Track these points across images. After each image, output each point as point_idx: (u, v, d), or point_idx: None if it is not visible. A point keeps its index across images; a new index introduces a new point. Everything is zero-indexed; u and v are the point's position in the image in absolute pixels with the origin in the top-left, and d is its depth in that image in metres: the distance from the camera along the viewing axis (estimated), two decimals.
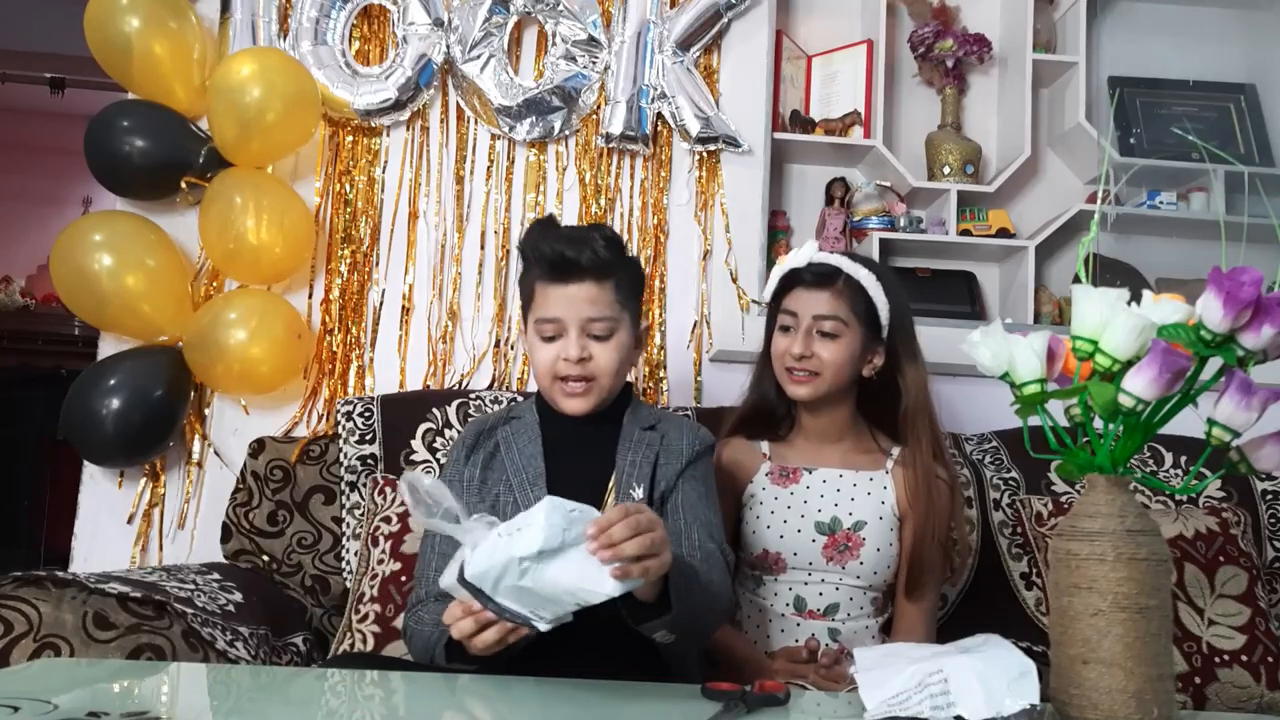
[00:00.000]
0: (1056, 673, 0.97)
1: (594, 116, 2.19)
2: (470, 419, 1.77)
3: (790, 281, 1.58)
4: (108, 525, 2.02)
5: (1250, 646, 1.66)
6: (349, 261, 2.12)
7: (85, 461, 2.02)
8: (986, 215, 2.27)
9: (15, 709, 0.82)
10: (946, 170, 2.27)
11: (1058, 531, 1.00)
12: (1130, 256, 2.34)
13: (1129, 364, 0.94)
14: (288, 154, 2.08)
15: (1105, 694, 0.92)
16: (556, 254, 1.33)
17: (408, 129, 2.16)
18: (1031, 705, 0.88)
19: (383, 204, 2.15)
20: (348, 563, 1.76)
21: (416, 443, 1.82)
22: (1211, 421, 0.95)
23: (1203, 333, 0.93)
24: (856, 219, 2.27)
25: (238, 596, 1.53)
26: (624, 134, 2.14)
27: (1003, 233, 2.25)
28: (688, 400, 2.13)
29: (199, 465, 2.05)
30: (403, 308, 2.13)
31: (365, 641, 1.57)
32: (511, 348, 2.13)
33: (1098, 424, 0.99)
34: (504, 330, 2.13)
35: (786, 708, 0.98)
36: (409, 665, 1.26)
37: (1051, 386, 1.01)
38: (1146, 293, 1.00)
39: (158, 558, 2.02)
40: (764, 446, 1.63)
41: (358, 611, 1.61)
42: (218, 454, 2.05)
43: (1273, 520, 1.90)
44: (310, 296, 2.12)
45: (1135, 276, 2.30)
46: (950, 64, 2.30)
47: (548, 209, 2.17)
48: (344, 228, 2.13)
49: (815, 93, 2.35)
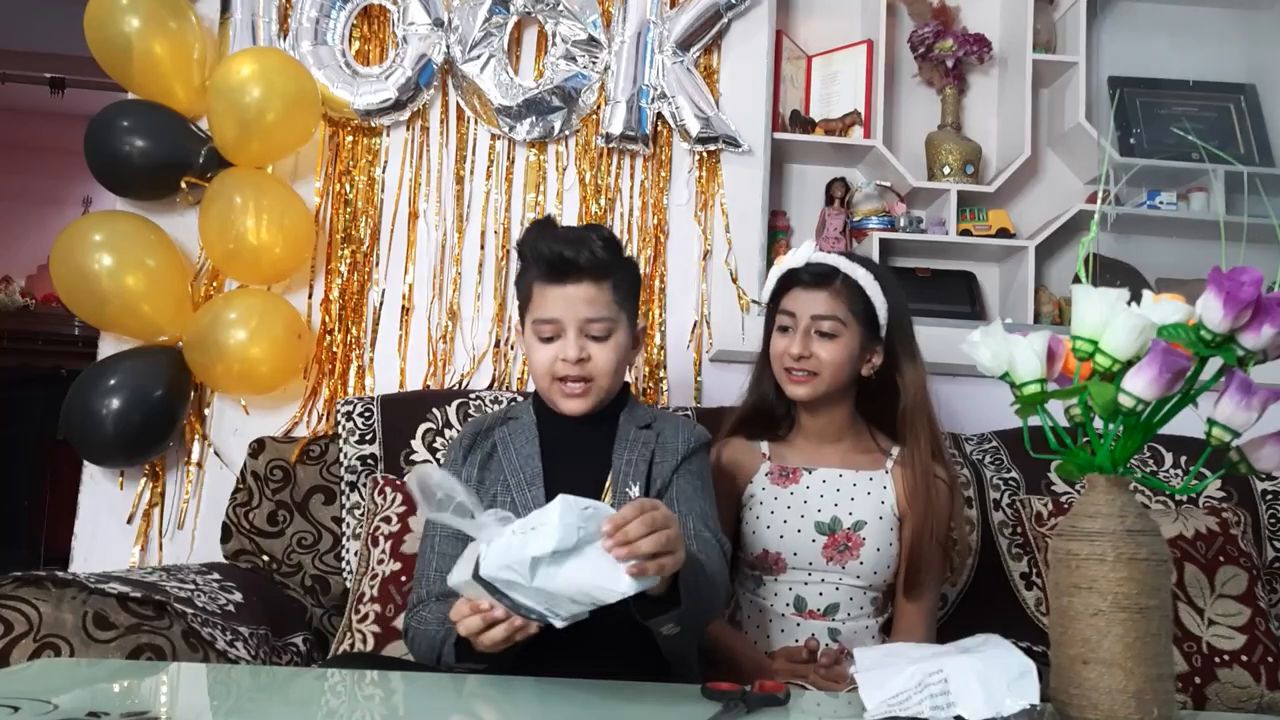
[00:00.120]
0: (1056, 673, 0.97)
1: (594, 116, 2.19)
2: (469, 419, 1.77)
3: (788, 282, 1.59)
4: (108, 525, 2.02)
5: (1250, 646, 1.66)
6: (349, 261, 2.12)
7: (85, 461, 2.02)
8: (986, 215, 2.27)
9: (15, 709, 0.82)
10: (946, 170, 2.27)
11: (1058, 531, 1.00)
12: (1130, 256, 2.34)
13: (1129, 364, 0.94)
14: (288, 154, 2.08)
15: (1105, 694, 0.92)
16: (555, 254, 1.33)
17: (408, 129, 2.16)
18: (1031, 705, 0.88)
19: (383, 204, 2.15)
20: (348, 563, 1.76)
21: (416, 443, 1.82)
22: (1211, 421, 0.95)
23: (1203, 333, 0.93)
24: (856, 219, 2.27)
25: (238, 596, 1.53)
26: (624, 134, 2.14)
27: (1003, 233, 2.25)
28: (688, 400, 2.13)
29: (199, 465, 2.05)
30: (403, 308, 2.13)
31: (365, 641, 1.57)
32: (511, 348, 2.12)
33: (1098, 424, 0.99)
34: (504, 330, 2.13)
35: (786, 708, 0.98)
36: (409, 665, 1.26)
37: (1051, 386, 1.01)
38: (1146, 293, 1.00)
39: (158, 558, 2.02)
40: (764, 447, 1.63)
41: (358, 611, 1.61)
42: (218, 454, 2.05)
43: (1273, 520, 1.90)
44: (310, 296, 2.12)
45: (1135, 276, 2.30)
46: (950, 64, 2.30)
47: (548, 209, 2.17)
48: (344, 228, 2.13)
49: (815, 93, 2.35)
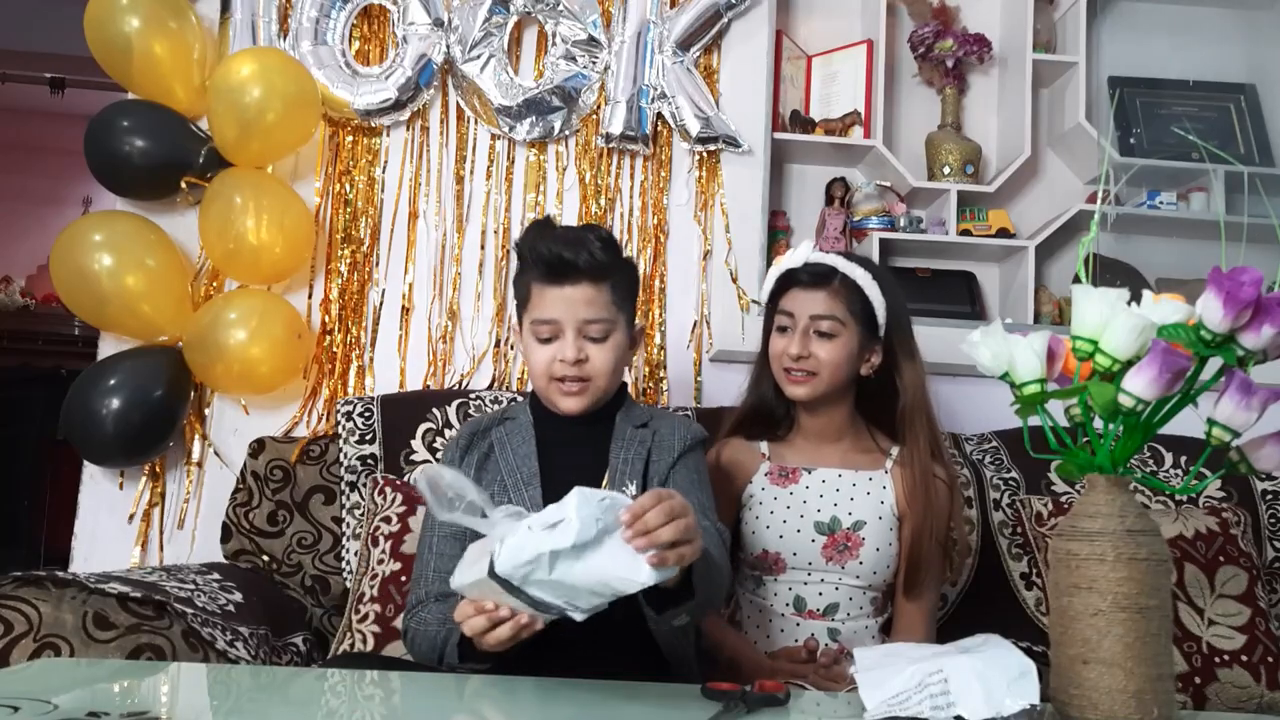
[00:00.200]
0: (1056, 673, 0.97)
1: (594, 116, 2.19)
2: (467, 419, 1.77)
3: (787, 282, 1.59)
4: (108, 525, 2.02)
5: (1250, 646, 1.66)
6: (349, 261, 2.12)
7: (85, 461, 2.02)
8: (986, 215, 2.27)
9: (15, 709, 0.82)
10: (946, 170, 2.27)
11: (1058, 531, 1.00)
12: (1130, 256, 2.34)
13: (1129, 364, 0.94)
14: (288, 154, 2.08)
15: (1105, 694, 0.92)
16: (554, 255, 1.33)
17: (408, 129, 2.16)
18: (1031, 705, 0.88)
19: (383, 204, 2.15)
20: (348, 563, 1.76)
21: (416, 443, 1.82)
22: (1211, 421, 0.95)
23: (1203, 333, 0.93)
24: (856, 219, 2.27)
25: (238, 596, 1.53)
26: (624, 134, 2.14)
27: (1003, 233, 2.25)
28: (688, 400, 2.13)
29: (199, 465, 2.05)
30: (403, 308, 2.13)
31: (365, 641, 1.57)
32: (511, 348, 2.12)
33: (1098, 424, 0.99)
34: (504, 330, 2.13)
35: (786, 708, 0.98)
36: (409, 665, 1.26)
37: (1051, 386, 1.01)
38: (1146, 293, 1.00)
39: (158, 558, 2.02)
40: (763, 447, 1.63)
41: (358, 611, 1.61)
42: (218, 454, 2.05)
43: (1273, 520, 1.90)
44: (310, 296, 2.12)
45: (1135, 276, 2.30)
46: (950, 64, 2.30)
47: (548, 209, 2.17)
48: (344, 228, 2.13)
49: (815, 93, 2.35)
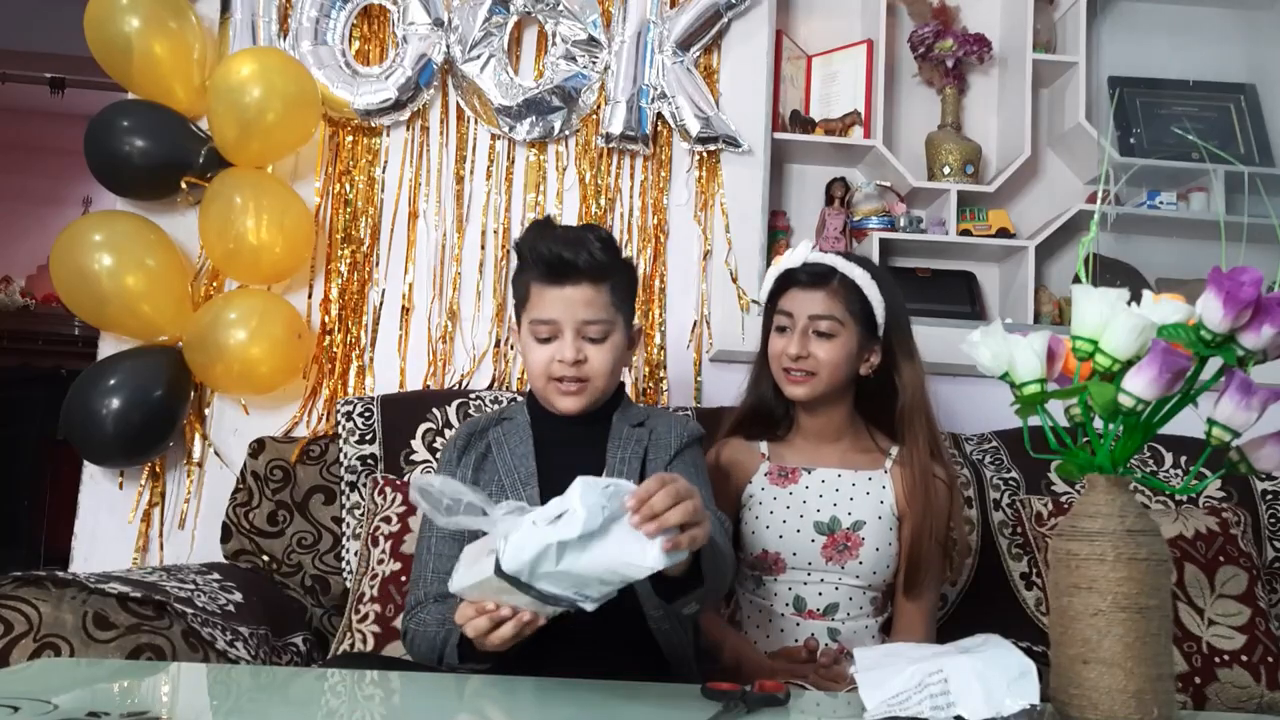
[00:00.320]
0: (1056, 673, 0.97)
1: (594, 116, 2.19)
2: (466, 420, 1.77)
3: (786, 282, 1.59)
4: (108, 525, 2.02)
5: (1250, 646, 1.66)
6: (349, 261, 2.12)
7: (85, 461, 2.02)
8: (986, 215, 2.27)
9: (15, 709, 0.82)
10: (946, 170, 2.27)
11: (1058, 531, 1.00)
12: (1130, 256, 2.34)
13: (1129, 364, 0.94)
14: (288, 154, 2.08)
15: (1105, 694, 0.92)
16: (554, 255, 1.33)
17: (408, 129, 2.16)
18: (1031, 705, 0.88)
19: (383, 204, 2.15)
20: (348, 563, 1.76)
21: (416, 443, 1.82)
22: (1211, 421, 0.95)
23: (1203, 333, 0.93)
24: (856, 219, 2.27)
25: (238, 596, 1.53)
26: (624, 134, 2.14)
27: (1003, 233, 2.25)
28: (688, 400, 2.13)
29: (199, 465, 2.05)
30: (403, 308, 2.13)
31: (365, 641, 1.57)
32: (511, 348, 2.12)
33: (1098, 424, 0.99)
34: (504, 330, 2.13)
35: (786, 708, 0.98)
36: (409, 665, 1.26)
37: (1051, 386, 1.01)
38: (1146, 293, 1.00)
39: (158, 558, 2.02)
40: (763, 447, 1.63)
41: (358, 611, 1.61)
42: (218, 454, 2.05)
43: (1273, 520, 1.90)
44: (310, 296, 2.12)
45: (1135, 276, 2.30)
46: (950, 64, 2.30)
47: (548, 209, 2.17)
48: (344, 228, 2.13)
49: (815, 93, 2.35)
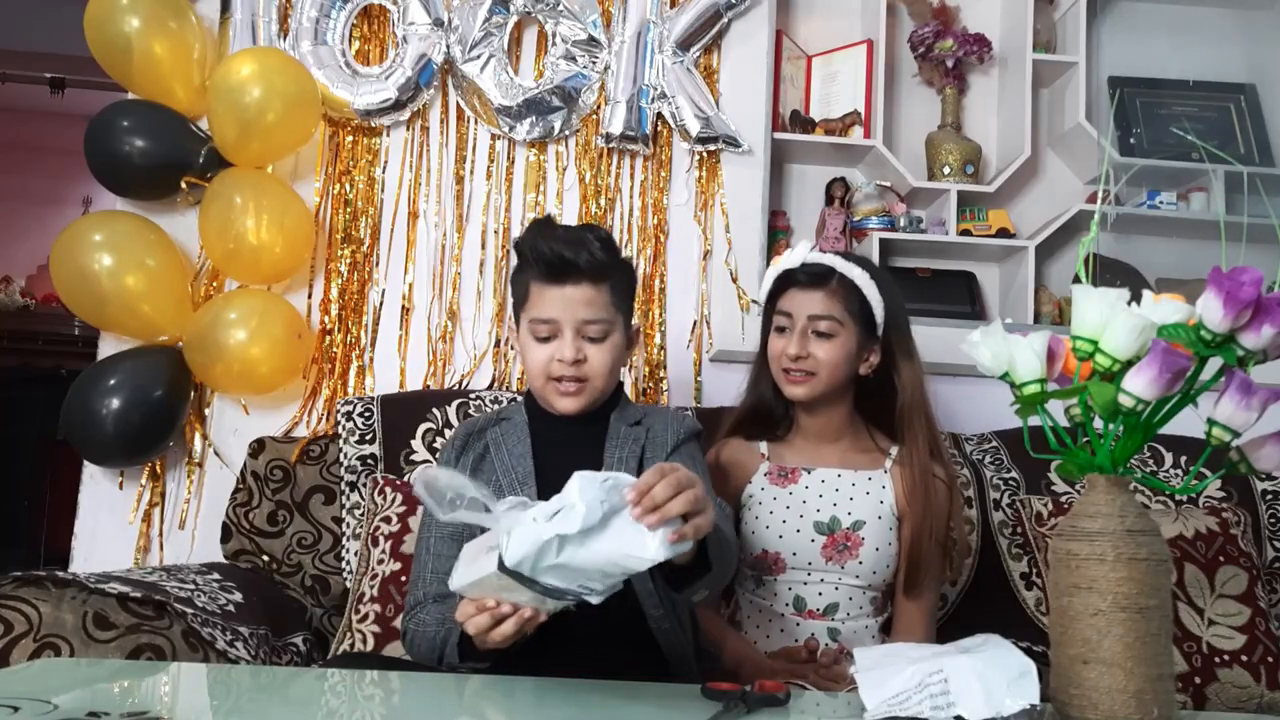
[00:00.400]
0: (1056, 673, 0.97)
1: (594, 116, 2.19)
2: (464, 420, 1.77)
3: (785, 282, 1.59)
4: (108, 525, 2.02)
5: (1250, 646, 1.66)
6: (349, 261, 2.12)
7: (85, 461, 2.02)
8: (986, 215, 2.27)
9: (15, 709, 0.81)
10: (946, 170, 2.27)
11: (1058, 531, 1.00)
12: (1130, 256, 2.34)
13: (1129, 364, 0.94)
14: (288, 154, 2.08)
15: (1105, 694, 0.92)
16: (555, 255, 1.33)
17: (408, 129, 2.16)
18: (1031, 705, 0.88)
19: (383, 204, 2.15)
20: (348, 563, 1.76)
21: (416, 443, 1.82)
22: (1211, 421, 0.95)
23: (1203, 333, 0.93)
24: (856, 219, 2.27)
25: (238, 596, 1.53)
26: (624, 134, 2.14)
27: (1003, 233, 2.25)
28: (688, 400, 2.13)
29: (199, 465, 2.05)
30: (403, 308, 2.13)
31: (365, 641, 1.57)
32: (511, 348, 2.12)
33: (1098, 424, 0.99)
34: (504, 330, 2.13)
35: (786, 708, 0.98)
36: (409, 665, 1.26)
37: (1051, 386, 1.01)
38: (1146, 293, 1.00)
39: (158, 558, 2.02)
40: (762, 447, 1.63)
41: (358, 611, 1.61)
42: (218, 454, 2.05)
43: (1273, 520, 1.90)
44: (310, 296, 2.12)
45: (1135, 276, 2.30)
46: (950, 64, 2.30)
47: (548, 209, 2.17)
48: (344, 228, 2.13)
49: (815, 93, 2.35)
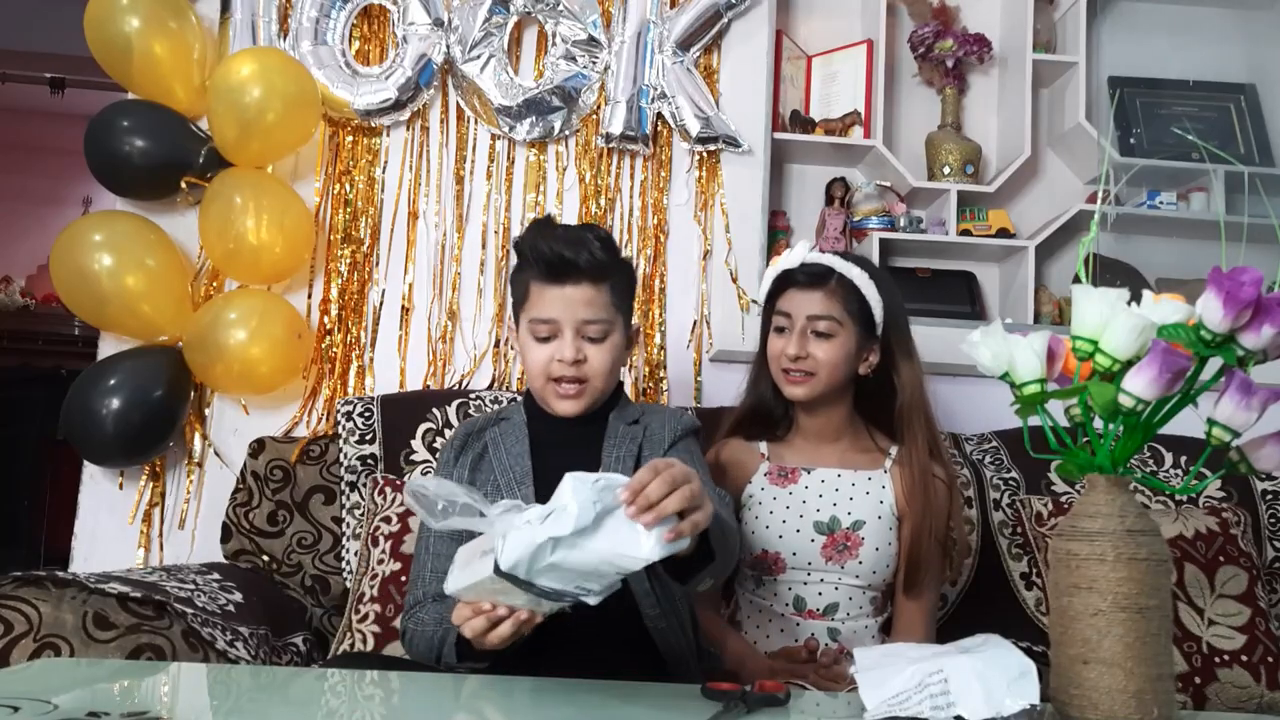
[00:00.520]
0: (1056, 673, 0.97)
1: (594, 116, 2.19)
2: (463, 420, 1.77)
3: (784, 282, 1.59)
4: (108, 525, 2.02)
5: (1250, 646, 1.66)
6: (349, 261, 2.12)
7: (85, 461, 2.02)
8: (986, 215, 2.27)
9: (15, 709, 0.81)
10: (946, 170, 2.27)
11: (1058, 531, 0.99)
12: (1130, 256, 2.34)
13: (1129, 364, 0.94)
14: (288, 154, 2.08)
15: (1105, 694, 0.92)
16: (555, 254, 1.33)
17: (408, 129, 2.16)
18: (1031, 705, 0.88)
19: (383, 204, 2.15)
20: (348, 563, 1.76)
21: (416, 443, 1.82)
22: (1211, 421, 0.95)
23: (1203, 333, 0.93)
24: (856, 219, 2.27)
25: (238, 596, 1.53)
26: (624, 134, 2.14)
27: (1003, 233, 2.25)
28: (688, 400, 2.13)
29: (199, 465, 2.05)
30: (403, 308, 2.13)
31: (365, 641, 1.57)
32: (511, 348, 2.12)
33: (1098, 424, 0.98)
34: (504, 330, 2.13)
35: (786, 708, 0.98)
36: (409, 665, 1.26)
37: (1051, 386, 1.01)
38: (1146, 293, 1.00)
39: (158, 558, 2.02)
40: (762, 447, 1.63)
41: (358, 611, 1.61)
42: (218, 454, 2.05)
43: (1273, 520, 1.90)
44: (310, 296, 2.12)
45: (1135, 276, 2.30)
46: (950, 64, 2.30)
47: (548, 209, 2.17)
48: (344, 228, 2.13)
49: (815, 93, 2.35)
